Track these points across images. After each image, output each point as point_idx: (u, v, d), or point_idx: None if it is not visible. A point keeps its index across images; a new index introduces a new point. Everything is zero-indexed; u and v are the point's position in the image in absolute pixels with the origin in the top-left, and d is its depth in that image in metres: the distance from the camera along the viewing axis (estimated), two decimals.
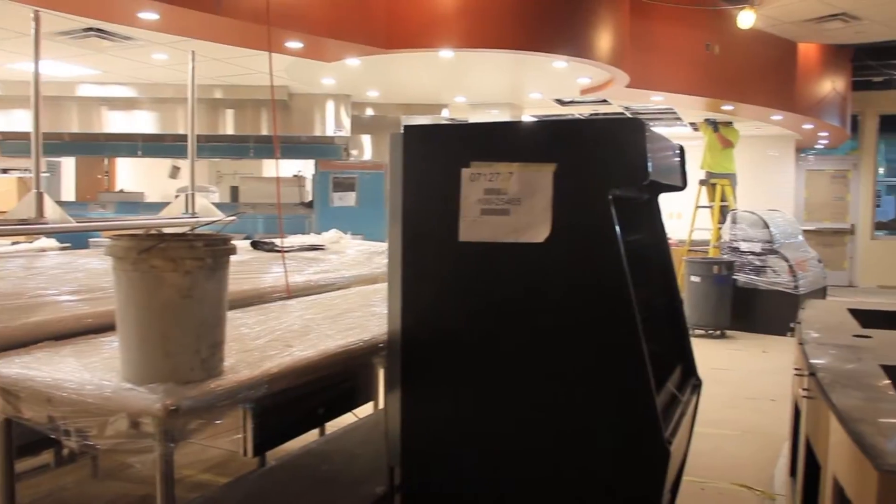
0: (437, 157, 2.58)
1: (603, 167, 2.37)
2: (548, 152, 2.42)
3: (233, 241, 2.20)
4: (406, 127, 2.61)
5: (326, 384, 2.56)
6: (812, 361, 2.87)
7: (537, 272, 2.43)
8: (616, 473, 2.45)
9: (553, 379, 2.44)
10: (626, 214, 3.02)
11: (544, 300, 2.43)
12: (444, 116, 10.16)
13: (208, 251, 2.08)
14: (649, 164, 2.30)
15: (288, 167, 11.57)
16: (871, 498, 1.78)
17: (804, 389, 2.82)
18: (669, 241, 10.62)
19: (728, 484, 4.44)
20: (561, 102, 10.21)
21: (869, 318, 4.25)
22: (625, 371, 2.36)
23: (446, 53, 6.84)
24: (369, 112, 10.22)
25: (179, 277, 2.02)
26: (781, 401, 5.41)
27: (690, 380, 3.24)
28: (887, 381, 2.56)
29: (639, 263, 3.09)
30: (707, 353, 8.13)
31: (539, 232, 2.38)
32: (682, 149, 3.17)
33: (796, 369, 2.96)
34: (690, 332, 9.06)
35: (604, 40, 7.31)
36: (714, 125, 11.26)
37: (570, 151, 2.41)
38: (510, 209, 2.43)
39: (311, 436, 4.10)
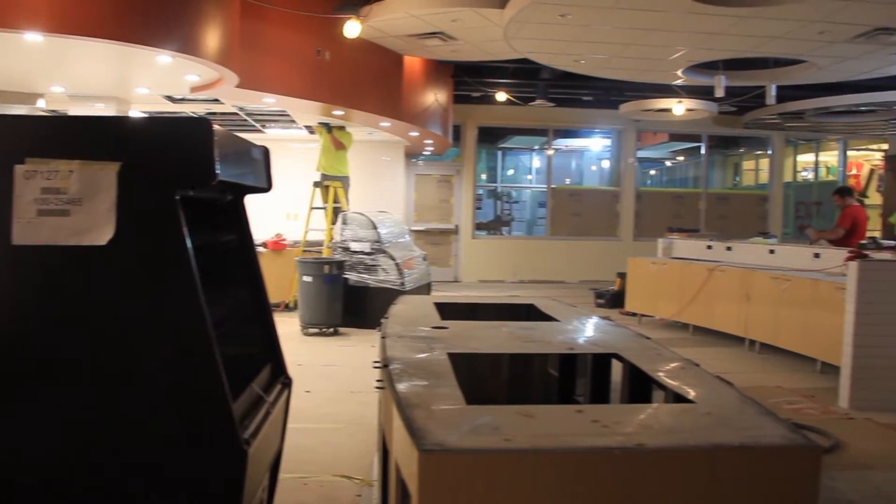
0: None
1: (169, 167, 2.30)
2: (112, 150, 2.29)
3: None
4: None
5: None
6: (388, 354, 3.05)
7: (101, 276, 2.29)
8: (196, 478, 2.39)
9: (124, 389, 2.33)
10: (208, 216, 2.99)
11: (109, 306, 2.30)
12: (41, 107, 9.30)
13: None
14: (217, 165, 2.28)
15: None
16: (415, 477, 1.92)
17: (377, 380, 2.99)
18: (284, 242, 10.71)
19: (330, 476, 4.57)
20: (172, 100, 9.86)
21: (451, 311, 4.63)
22: (197, 376, 2.32)
23: (34, 37, 6.23)
24: None
25: None
26: None
27: (280, 378, 3.28)
28: (451, 369, 2.80)
29: (223, 265, 3.07)
30: (319, 351, 8.37)
31: (102, 234, 2.25)
32: (266, 151, 3.19)
33: (375, 362, 3.12)
34: (304, 330, 9.34)
35: (211, 38, 7.16)
36: (328, 127, 11.61)
37: (135, 150, 2.31)
38: (70, 210, 2.27)
39: None
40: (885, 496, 4.42)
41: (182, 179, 2.31)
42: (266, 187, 3.17)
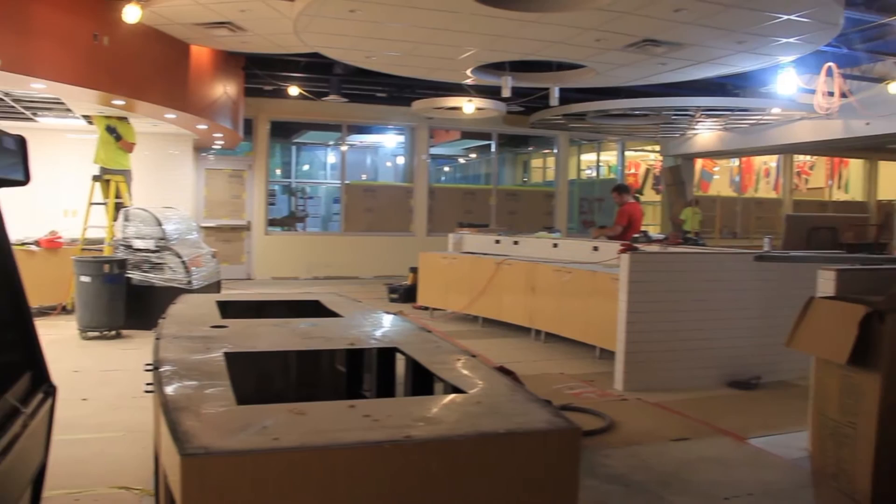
0: None
1: None
2: None
3: None
4: None
5: None
6: (160, 355, 2.92)
7: None
8: None
9: None
10: None
11: None
12: None
13: None
14: None
15: None
16: (178, 483, 1.84)
17: (147, 384, 2.85)
18: (60, 240, 9.98)
19: (107, 488, 4.31)
20: None
21: (235, 309, 4.52)
22: None
23: None
24: None
25: None
26: None
27: (42, 387, 3.04)
28: (225, 369, 2.71)
29: None
30: (98, 355, 7.90)
31: None
32: (22, 140, 2.95)
33: (148, 365, 2.98)
34: (83, 334, 8.79)
35: None
36: (116, 136, 10.92)
37: None
38: None
39: None
40: (650, 467, 4.76)
41: None
42: (23, 180, 2.93)
